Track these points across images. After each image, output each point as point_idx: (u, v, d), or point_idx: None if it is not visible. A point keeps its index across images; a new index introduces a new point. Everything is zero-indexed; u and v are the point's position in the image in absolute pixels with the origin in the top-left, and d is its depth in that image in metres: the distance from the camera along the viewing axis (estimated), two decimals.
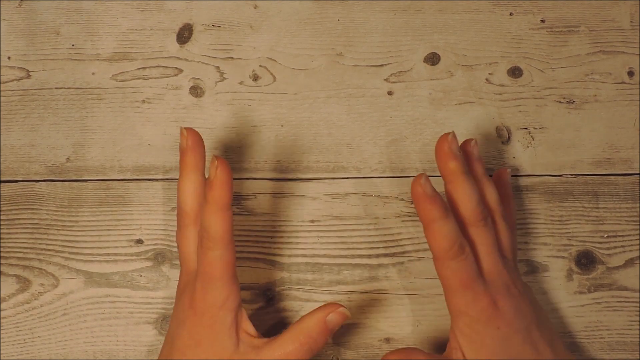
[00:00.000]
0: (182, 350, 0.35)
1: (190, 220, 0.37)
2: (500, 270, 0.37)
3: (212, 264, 0.35)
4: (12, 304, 0.42)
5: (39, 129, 0.44)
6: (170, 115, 0.44)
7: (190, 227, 0.37)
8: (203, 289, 0.35)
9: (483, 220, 0.37)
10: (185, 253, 0.38)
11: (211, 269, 0.35)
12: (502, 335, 0.35)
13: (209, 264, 0.35)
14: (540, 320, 0.37)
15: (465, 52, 0.45)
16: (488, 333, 0.35)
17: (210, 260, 0.35)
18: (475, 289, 0.35)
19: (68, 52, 0.45)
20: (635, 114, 0.44)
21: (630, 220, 0.43)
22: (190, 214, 0.37)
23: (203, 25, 0.45)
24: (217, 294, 0.35)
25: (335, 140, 0.44)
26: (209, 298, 0.35)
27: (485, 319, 0.35)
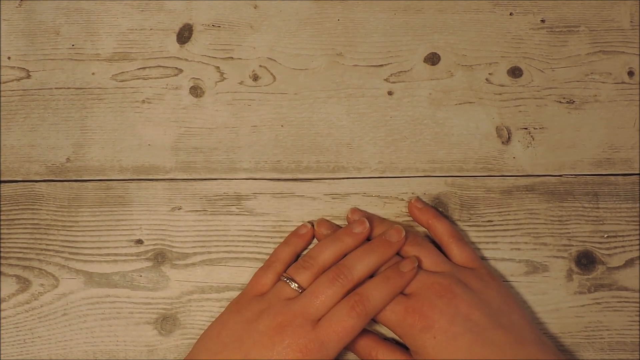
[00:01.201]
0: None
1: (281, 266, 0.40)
2: (429, 283, 0.38)
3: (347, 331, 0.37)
4: (12, 304, 0.42)
5: (39, 129, 0.44)
6: (170, 115, 0.44)
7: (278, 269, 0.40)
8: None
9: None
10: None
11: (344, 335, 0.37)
12: (440, 343, 0.36)
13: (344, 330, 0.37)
14: (499, 319, 0.37)
15: (465, 52, 0.45)
16: (428, 344, 0.36)
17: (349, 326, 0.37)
18: (395, 310, 0.37)
19: (68, 52, 0.45)
20: (635, 114, 0.44)
21: (630, 220, 0.43)
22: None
23: (203, 25, 0.45)
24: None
25: (335, 140, 0.44)
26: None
27: (417, 333, 0.37)
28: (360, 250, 0.39)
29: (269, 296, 0.38)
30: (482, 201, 0.43)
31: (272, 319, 0.37)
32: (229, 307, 0.40)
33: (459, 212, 0.43)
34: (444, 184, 0.44)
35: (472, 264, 0.40)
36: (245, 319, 0.38)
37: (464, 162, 0.44)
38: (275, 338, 0.36)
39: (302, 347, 0.36)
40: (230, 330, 0.37)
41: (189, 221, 0.43)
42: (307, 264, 0.39)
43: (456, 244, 0.41)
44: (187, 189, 0.44)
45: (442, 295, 0.37)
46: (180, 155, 0.44)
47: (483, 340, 0.36)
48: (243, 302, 0.39)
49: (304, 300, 0.37)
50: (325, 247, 0.40)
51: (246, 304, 0.39)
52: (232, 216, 0.43)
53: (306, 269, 0.39)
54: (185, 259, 0.43)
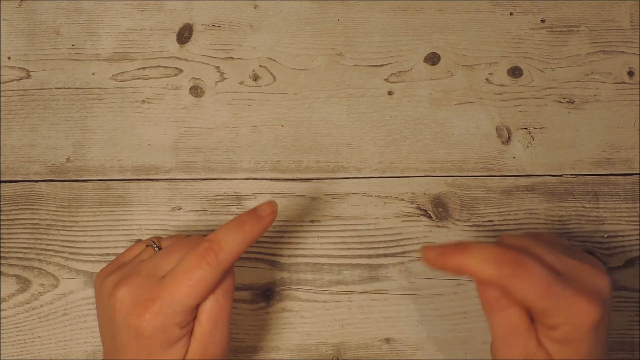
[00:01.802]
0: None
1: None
2: (579, 265, 0.33)
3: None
4: (12, 304, 0.42)
5: (39, 129, 0.44)
6: (170, 115, 0.44)
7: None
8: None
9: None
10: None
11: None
12: (598, 337, 0.32)
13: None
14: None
15: (465, 52, 0.45)
16: (591, 337, 0.31)
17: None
18: (565, 293, 0.31)
19: (68, 52, 0.45)
20: (635, 114, 0.44)
21: (630, 220, 0.43)
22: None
23: (203, 25, 0.45)
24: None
25: (335, 140, 0.44)
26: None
27: (586, 322, 0.31)
28: (230, 223, 0.34)
29: (130, 260, 0.36)
30: (482, 201, 0.43)
31: (117, 277, 0.33)
32: (96, 278, 0.36)
33: (459, 212, 0.43)
34: (444, 184, 0.44)
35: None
36: (104, 287, 0.34)
37: (464, 162, 0.44)
38: (114, 304, 0.32)
39: (141, 309, 0.31)
40: (99, 304, 0.35)
41: (189, 221, 0.43)
42: (180, 234, 0.36)
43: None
44: (187, 189, 0.44)
45: (601, 278, 0.32)
46: (180, 155, 0.44)
47: (605, 336, 0.33)
48: (106, 270, 0.36)
49: (155, 258, 0.34)
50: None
51: (109, 271, 0.35)
52: (232, 216, 0.43)
53: (176, 236, 0.36)
54: None
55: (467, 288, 0.43)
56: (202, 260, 0.32)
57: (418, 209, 0.44)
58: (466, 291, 0.43)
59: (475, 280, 0.33)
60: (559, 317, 0.31)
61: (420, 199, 0.44)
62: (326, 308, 0.43)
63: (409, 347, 0.42)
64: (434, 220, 0.43)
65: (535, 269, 0.31)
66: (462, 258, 0.32)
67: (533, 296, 0.31)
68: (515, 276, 0.31)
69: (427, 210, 0.44)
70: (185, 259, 0.33)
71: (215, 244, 0.33)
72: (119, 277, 0.34)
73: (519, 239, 0.35)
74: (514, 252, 0.32)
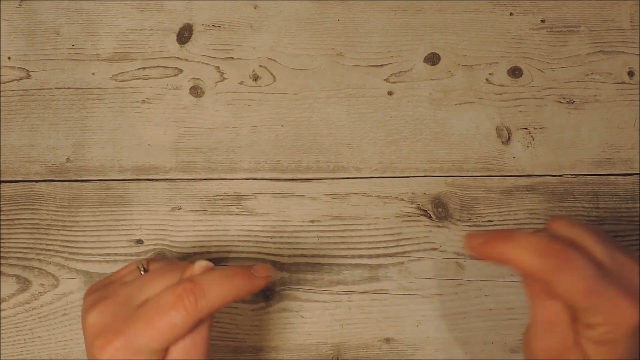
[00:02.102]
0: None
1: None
2: (623, 259, 0.32)
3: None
4: (12, 304, 0.42)
5: (39, 129, 0.44)
6: (170, 115, 0.44)
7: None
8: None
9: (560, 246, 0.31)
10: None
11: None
12: (636, 340, 0.31)
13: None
14: None
15: (465, 52, 0.45)
16: (631, 340, 0.30)
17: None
18: (608, 295, 0.30)
19: (68, 52, 0.45)
20: (635, 114, 0.44)
21: (630, 220, 0.43)
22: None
23: (203, 25, 0.45)
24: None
25: (335, 140, 0.44)
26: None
27: (631, 324, 0.30)
28: (221, 271, 0.32)
29: (113, 281, 0.34)
30: (482, 201, 0.44)
31: (96, 297, 0.31)
32: (84, 295, 0.34)
33: (459, 212, 0.43)
34: (444, 184, 0.44)
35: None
36: (85, 300, 0.33)
37: (464, 162, 0.44)
38: (85, 328, 0.31)
39: (105, 341, 0.29)
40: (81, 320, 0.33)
41: (189, 221, 0.43)
42: (173, 260, 0.34)
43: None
44: (187, 189, 0.44)
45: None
46: (180, 155, 0.44)
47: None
48: (94, 287, 0.34)
49: (137, 283, 0.32)
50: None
51: (95, 289, 0.34)
52: (232, 216, 0.43)
53: (165, 260, 0.34)
54: (185, 259, 0.43)
55: (467, 288, 0.43)
56: (180, 303, 0.29)
57: (418, 209, 0.44)
58: (466, 291, 0.43)
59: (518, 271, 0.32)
60: (599, 317, 0.30)
61: (420, 199, 0.44)
62: (326, 308, 0.43)
63: (409, 347, 0.42)
64: (434, 220, 0.43)
65: (580, 265, 0.30)
66: (506, 247, 0.31)
67: (574, 294, 0.30)
68: (558, 270, 0.30)
69: (427, 210, 0.44)
70: (163, 295, 0.30)
71: (198, 288, 0.30)
72: (97, 298, 0.32)
73: (570, 226, 0.33)
74: (560, 243, 0.31)
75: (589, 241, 0.32)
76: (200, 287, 0.30)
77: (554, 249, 0.30)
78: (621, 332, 0.30)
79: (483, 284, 0.43)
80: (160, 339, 0.29)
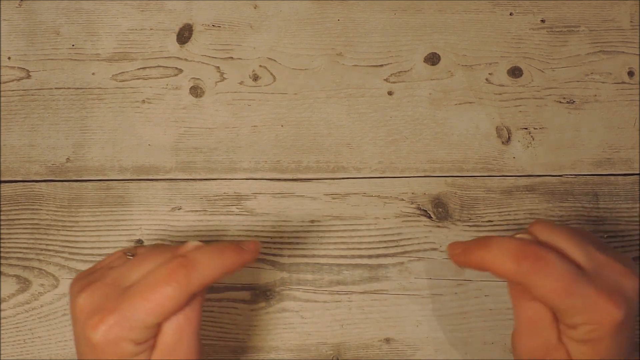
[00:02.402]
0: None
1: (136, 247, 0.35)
2: (605, 261, 0.32)
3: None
4: (12, 304, 0.42)
5: (39, 129, 0.44)
6: (170, 115, 0.44)
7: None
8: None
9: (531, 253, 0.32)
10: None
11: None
12: (621, 337, 0.31)
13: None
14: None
15: (465, 52, 0.45)
16: (615, 339, 0.31)
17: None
18: (585, 293, 0.30)
19: (68, 52, 0.45)
20: (635, 114, 0.44)
21: (630, 220, 0.43)
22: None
23: (203, 25, 0.45)
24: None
25: (335, 140, 0.44)
26: None
27: (610, 322, 0.30)
28: (211, 246, 0.32)
29: (104, 266, 0.33)
30: (482, 201, 0.44)
31: (84, 282, 0.31)
32: (70, 284, 0.34)
33: (459, 212, 0.43)
34: (444, 184, 0.44)
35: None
36: (71, 287, 0.33)
37: (464, 162, 0.44)
38: (75, 312, 0.31)
39: (98, 320, 0.29)
40: (70, 309, 0.33)
41: (189, 221, 0.43)
42: (160, 244, 0.34)
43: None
44: (187, 189, 0.44)
45: (627, 277, 0.31)
46: (180, 155, 0.44)
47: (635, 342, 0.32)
48: (80, 275, 0.34)
49: (125, 266, 0.31)
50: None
51: (82, 277, 0.33)
52: (232, 216, 0.43)
53: (154, 246, 0.34)
54: None
55: (467, 288, 0.43)
56: (172, 276, 0.29)
57: (418, 209, 0.44)
58: (466, 291, 0.43)
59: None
60: (579, 317, 0.30)
61: (420, 199, 0.44)
62: (326, 308, 0.43)
63: (409, 347, 0.42)
64: (434, 221, 0.43)
65: (554, 266, 0.30)
66: (483, 254, 0.32)
67: (551, 295, 0.30)
68: (533, 273, 0.30)
69: (427, 210, 0.44)
70: (155, 271, 0.30)
71: (189, 261, 0.30)
72: (85, 283, 0.31)
73: (548, 229, 0.33)
74: (535, 246, 0.31)
75: (567, 243, 0.32)
76: (192, 261, 0.30)
77: (528, 251, 0.31)
78: (603, 331, 0.30)
79: (483, 284, 0.43)
80: (155, 313, 0.29)
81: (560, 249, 0.32)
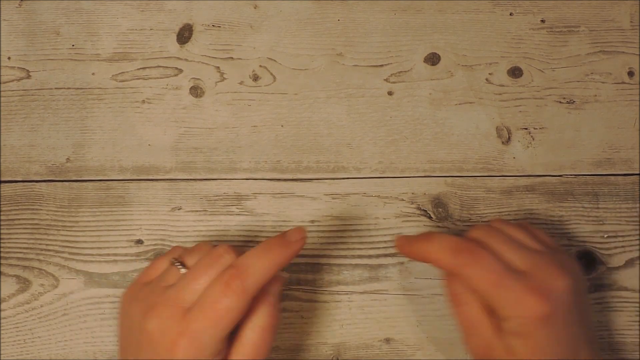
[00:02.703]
0: None
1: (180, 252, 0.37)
2: (542, 262, 0.35)
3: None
4: (12, 304, 0.42)
5: (39, 129, 0.44)
6: (170, 116, 0.44)
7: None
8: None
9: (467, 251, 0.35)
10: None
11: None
12: (554, 331, 0.33)
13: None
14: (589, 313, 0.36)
15: (465, 52, 0.45)
16: (543, 331, 0.33)
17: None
18: (514, 287, 0.33)
19: (68, 52, 0.45)
20: (635, 114, 0.44)
21: (630, 220, 0.43)
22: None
23: (203, 25, 0.45)
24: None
25: (335, 140, 0.44)
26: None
27: (536, 316, 0.33)
28: (258, 247, 0.34)
29: (153, 282, 0.35)
30: (482, 201, 0.44)
31: (144, 305, 0.33)
32: (123, 297, 0.36)
33: (459, 212, 0.43)
34: (444, 184, 0.44)
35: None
36: (127, 314, 0.34)
37: (464, 162, 0.44)
38: (144, 335, 0.32)
39: (170, 343, 0.31)
40: (125, 326, 0.34)
41: (189, 221, 0.43)
42: (205, 246, 0.35)
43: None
44: (187, 189, 0.44)
45: (560, 277, 0.34)
46: (180, 155, 0.44)
47: (577, 339, 0.34)
48: (133, 291, 0.35)
49: (180, 284, 0.33)
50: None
51: (136, 292, 0.35)
52: (232, 216, 0.43)
53: (200, 251, 0.35)
54: None
55: None
56: (228, 289, 0.31)
57: (418, 209, 0.44)
58: None
59: (440, 271, 0.36)
60: (509, 309, 0.33)
61: (420, 199, 0.44)
62: (326, 308, 0.43)
63: (409, 347, 0.42)
64: (434, 221, 0.43)
65: (487, 261, 0.34)
66: (425, 247, 0.36)
67: (484, 285, 0.34)
68: (468, 265, 0.34)
69: (427, 210, 0.44)
70: (210, 287, 0.32)
71: (241, 270, 0.32)
72: (147, 306, 0.33)
73: (486, 232, 0.37)
74: (471, 243, 0.35)
75: (501, 244, 0.36)
76: (243, 269, 0.32)
77: (465, 247, 0.35)
78: (532, 325, 0.33)
79: None
80: (222, 327, 0.31)
81: (493, 249, 0.35)
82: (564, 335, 0.34)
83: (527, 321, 0.33)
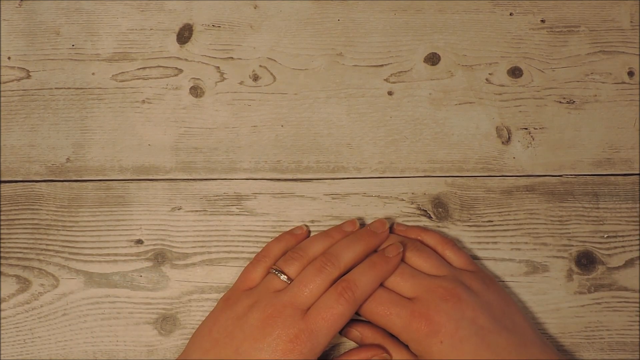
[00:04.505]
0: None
1: (271, 260, 0.41)
2: (433, 287, 0.38)
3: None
4: (12, 304, 0.42)
5: (39, 129, 0.44)
6: (170, 115, 0.44)
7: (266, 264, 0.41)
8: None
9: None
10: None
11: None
12: (447, 348, 0.36)
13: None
14: (503, 321, 0.37)
15: (465, 52, 0.45)
16: (434, 349, 0.36)
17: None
18: (401, 314, 0.37)
19: (68, 52, 0.45)
20: (635, 114, 0.44)
21: (630, 220, 0.43)
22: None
23: (203, 25, 0.45)
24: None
25: (335, 140, 0.44)
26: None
27: (423, 337, 0.37)
28: (346, 239, 0.40)
29: (259, 289, 0.38)
30: (482, 201, 0.44)
31: (262, 312, 0.37)
32: (220, 304, 0.39)
33: (459, 212, 0.43)
34: (444, 184, 0.44)
35: (470, 267, 0.40)
36: (236, 314, 0.37)
37: (464, 162, 0.44)
38: (265, 330, 0.36)
39: (293, 337, 0.36)
40: (221, 326, 0.37)
41: (189, 221, 0.43)
42: (296, 254, 0.39)
43: (450, 250, 0.41)
44: (187, 189, 0.44)
45: (447, 299, 0.37)
46: (180, 155, 0.44)
47: (488, 344, 0.36)
48: (233, 298, 0.39)
49: (293, 291, 0.37)
50: (314, 240, 0.40)
51: (236, 299, 0.39)
52: (232, 216, 0.43)
53: (295, 260, 0.39)
54: (185, 259, 0.43)
55: None
56: (341, 298, 0.37)
57: (418, 209, 0.44)
58: None
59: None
60: (403, 335, 0.37)
61: (420, 199, 0.44)
62: None
63: None
64: (434, 221, 0.43)
65: (378, 294, 0.38)
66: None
67: (376, 318, 0.38)
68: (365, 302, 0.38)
69: (427, 210, 0.44)
70: (325, 295, 0.37)
71: (352, 284, 0.37)
72: (263, 306, 0.37)
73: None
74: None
75: (395, 276, 0.39)
76: (354, 283, 0.37)
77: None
78: (421, 345, 0.37)
79: None
80: (333, 329, 0.37)
81: (390, 282, 0.39)
82: (466, 348, 0.36)
83: (416, 344, 0.37)
